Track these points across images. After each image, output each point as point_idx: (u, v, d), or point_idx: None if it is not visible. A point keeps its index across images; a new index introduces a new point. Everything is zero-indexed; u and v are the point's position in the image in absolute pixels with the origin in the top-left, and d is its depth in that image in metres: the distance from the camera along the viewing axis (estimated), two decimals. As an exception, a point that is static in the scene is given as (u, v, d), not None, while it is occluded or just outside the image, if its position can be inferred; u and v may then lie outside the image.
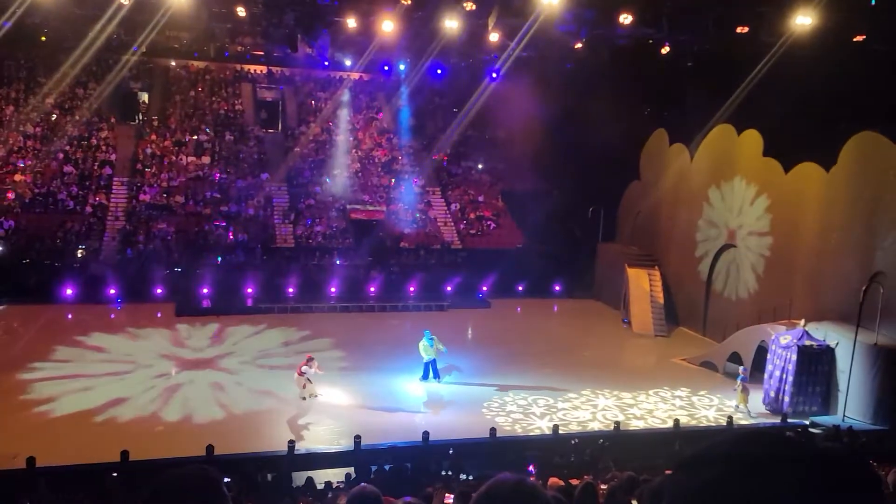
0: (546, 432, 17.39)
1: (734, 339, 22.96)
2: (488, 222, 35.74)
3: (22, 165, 31.62)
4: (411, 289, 29.97)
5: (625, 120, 29.08)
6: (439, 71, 34.34)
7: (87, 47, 29.67)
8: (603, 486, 9.59)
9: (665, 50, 28.43)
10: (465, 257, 32.96)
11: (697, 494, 1.26)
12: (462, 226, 35.20)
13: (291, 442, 15.47)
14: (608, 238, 33.38)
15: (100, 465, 14.02)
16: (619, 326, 28.32)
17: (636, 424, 18.35)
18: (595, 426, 18.05)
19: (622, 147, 30.80)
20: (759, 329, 21.87)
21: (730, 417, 18.58)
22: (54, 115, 33.82)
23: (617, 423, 17.77)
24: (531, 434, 17.49)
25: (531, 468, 13.70)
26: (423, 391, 20.07)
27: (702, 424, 18.61)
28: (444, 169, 38.12)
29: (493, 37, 26.91)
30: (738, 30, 25.05)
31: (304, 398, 18.73)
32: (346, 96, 37.42)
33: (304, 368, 18.71)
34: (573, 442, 16.08)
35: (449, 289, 30.41)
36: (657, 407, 19.59)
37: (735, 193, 25.85)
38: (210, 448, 14.65)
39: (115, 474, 13.36)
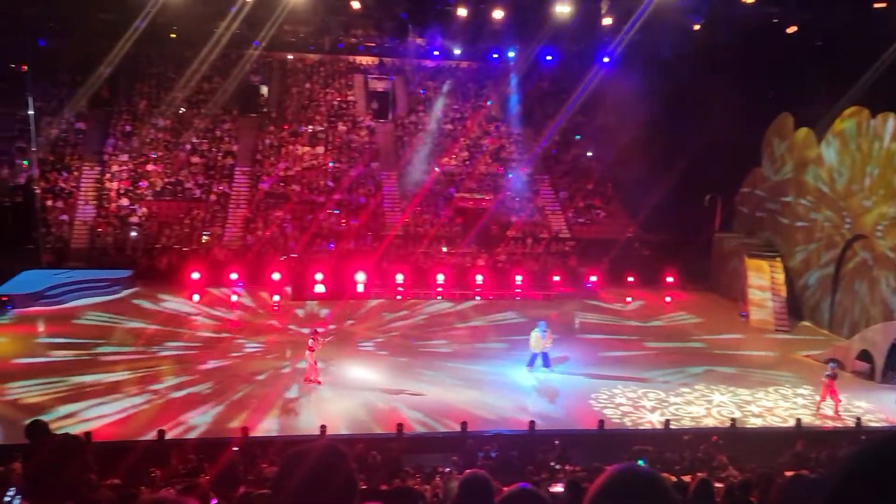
0: (657, 426, 16.94)
1: (865, 336, 21.50)
2: (597, 211, 35.08)
3: (154, 156, 33.76)
4: (518, 278, 29.82)
5: (746, 104, 27.69)
6: (549, 57, 33.85)
7: (213, 44, 31.21)
8: (718, 485, 9.24)
9: (791, 29, 26.84)
10: (573, 246, 32.50)
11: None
12: (570, 214, 34.72)
13: (400, 425, 15.82)
14: (726, 227, 31.98)
15: (221, 439, 14.86)
16: (737, 320, 27.14)
17: (754, 422, 17.56)
18: (709, 422, 17.41)
19: (743, 132, 29.34)
20: (893, 325, 20.39)
21: (857, 418, 17.46)
22: (182, 109, 35.84)
23: (733, 419, 17.08)
24: (641, 428, 17.08)
25: (641, 462, 13.38)
26: (530, 380, 19.97)
27: (826, 425, 17.58)
28: (553, 156, 37.65)
29: (606, 20, 26.31)
30: (876, 5, 23.29)
31: (310, 379, 18.72)
32: (455, 85, 37.53)
33: (311, 343, 18.73)
34: (685, 438, 15.58)
35: (556, 278, 30.06)
36: (777, 405, 18.67)
37: (869, 143, 23.43)
38: (323, 428, 15.21)
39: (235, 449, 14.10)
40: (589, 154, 37.70)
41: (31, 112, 26.88)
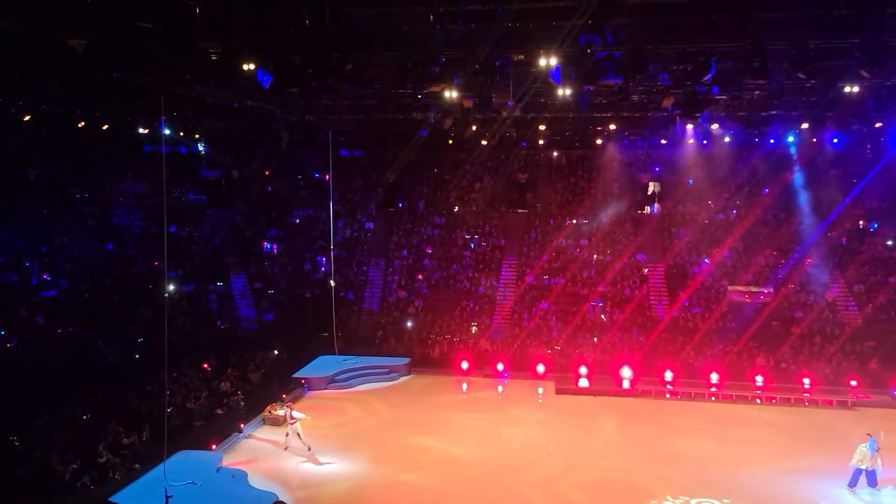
0: None
1: None
2: (904, 307, 30.63)
3: (429, 252, 36.42)
4: (805, 380, 26.71)
5: None
6: (836, 140, 30.97)
7: (484, 146, 33.30)
8: None
9: None
10: (873, 347, 28.49)
11: None
12: (869, 310, 30.66)
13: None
14: None
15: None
16: None
17: None
18: None
19: None
20: None
21: None
22: (456, 207, 38.48)
23: None
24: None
25: None
26: (852, 500, 17.48)
27: None
28: (844, 247, 33.90)
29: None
30: None
31: (310, 447, 20.29)
32: (727, 173, 35.77)
33: (294, 414, 20.63)
34: None
35: (854, 383, 26.42)
36: None
37: None
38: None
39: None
40: (889, 242, 33.39)
41: (330, 215, 30.63)
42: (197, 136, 29.54)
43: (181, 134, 27.76)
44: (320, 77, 17.15)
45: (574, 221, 37.07)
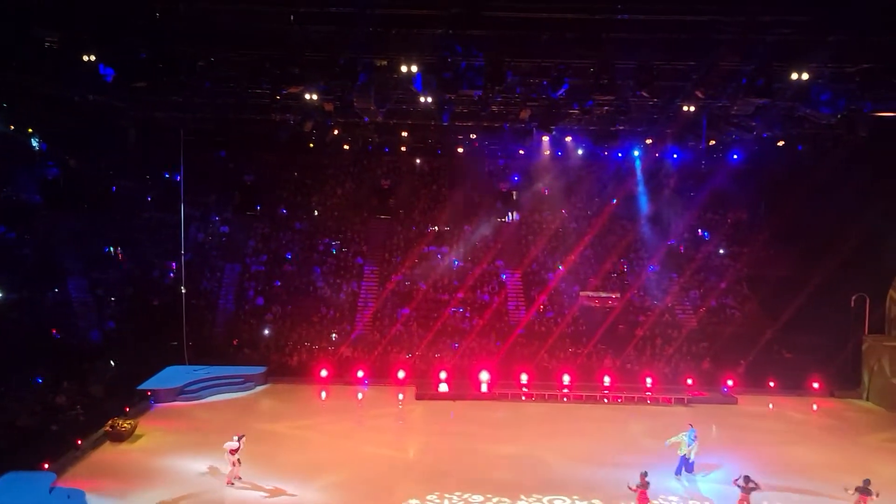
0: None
1: None
2: (732, 310, 33.39)
3: (289, 257, 35.54)
4: (648, 380, 28.54)
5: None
6: (675, 155, 33.41)
7: (346, 151, 32.99)
8: None
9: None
10: (706, 348, 30.87)
11: None
12: (702, 314, 33.21)
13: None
14: (877, 329, 29.42)
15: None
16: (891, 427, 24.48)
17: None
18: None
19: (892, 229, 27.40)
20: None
21: None
22: (316, 212, 37.82)
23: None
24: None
25: None
26: (676, 486, 18.96)
27: None
28: (682, 254, 36.52)
29: (734, 117, 25.64)
30: None
31: (233, 482, 18.34)
32: (579, 183, 37.60)
33: (231, 446, 18.35)
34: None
35: (690, 381, 28.55)
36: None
37: None
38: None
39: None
40: (721, 251, 36.36)
41: (181, 218, 29.13)
42: (31, 130, 27.26)
43: (11, 128, 25.51)
44: (169, 73, 16.30)
45: (436, 228, 37.51)
